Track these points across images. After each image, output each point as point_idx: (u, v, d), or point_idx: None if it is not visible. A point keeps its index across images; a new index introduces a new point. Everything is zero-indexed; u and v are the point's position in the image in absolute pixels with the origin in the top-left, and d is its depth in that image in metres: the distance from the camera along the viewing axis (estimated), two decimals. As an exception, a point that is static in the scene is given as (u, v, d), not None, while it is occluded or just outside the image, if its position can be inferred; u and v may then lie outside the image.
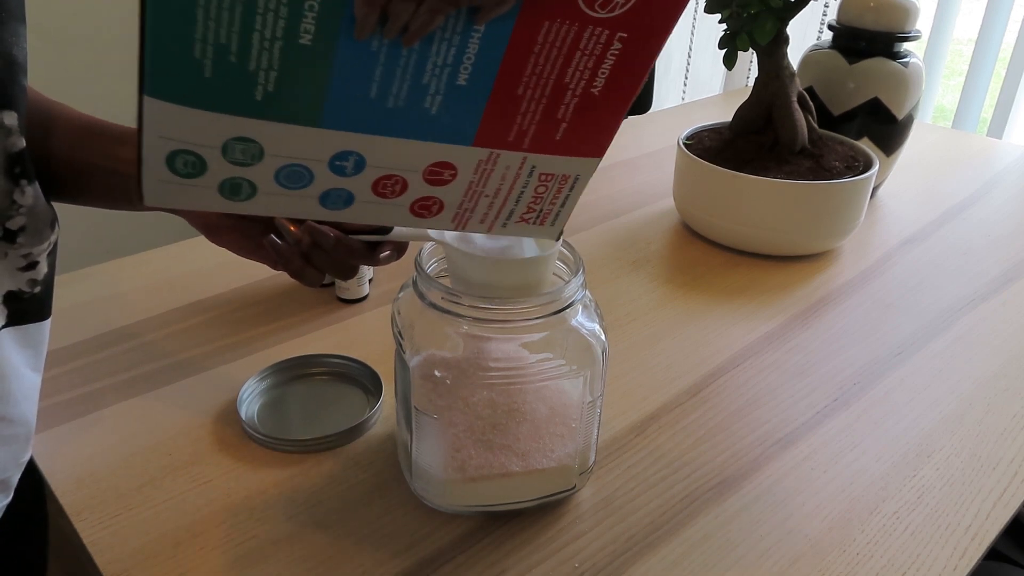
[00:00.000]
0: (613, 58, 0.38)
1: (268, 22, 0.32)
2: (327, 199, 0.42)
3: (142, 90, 0.33)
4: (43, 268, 0.47)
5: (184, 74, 0.33)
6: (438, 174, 0.42)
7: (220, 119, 0.35)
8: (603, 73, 0.38)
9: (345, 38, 0.34)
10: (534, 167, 0.43)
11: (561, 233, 0.49)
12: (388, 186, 0.42)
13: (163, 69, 0.33)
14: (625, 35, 0.36)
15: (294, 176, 0.40)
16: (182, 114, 0.34)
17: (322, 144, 0.38)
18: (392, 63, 0.35)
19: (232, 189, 0.39)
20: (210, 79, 0.33)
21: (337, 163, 0.39)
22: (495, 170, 0.42)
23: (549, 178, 0.44)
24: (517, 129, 0.40)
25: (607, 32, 0.36)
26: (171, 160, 0.37)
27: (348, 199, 0.42)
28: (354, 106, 0.37)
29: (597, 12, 0.35)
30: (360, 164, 0.40)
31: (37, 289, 0.47)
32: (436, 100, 0.38)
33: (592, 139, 0.42)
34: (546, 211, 0.47)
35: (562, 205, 0.46)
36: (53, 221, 0.46)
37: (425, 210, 0.44)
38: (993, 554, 0.82)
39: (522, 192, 0.45)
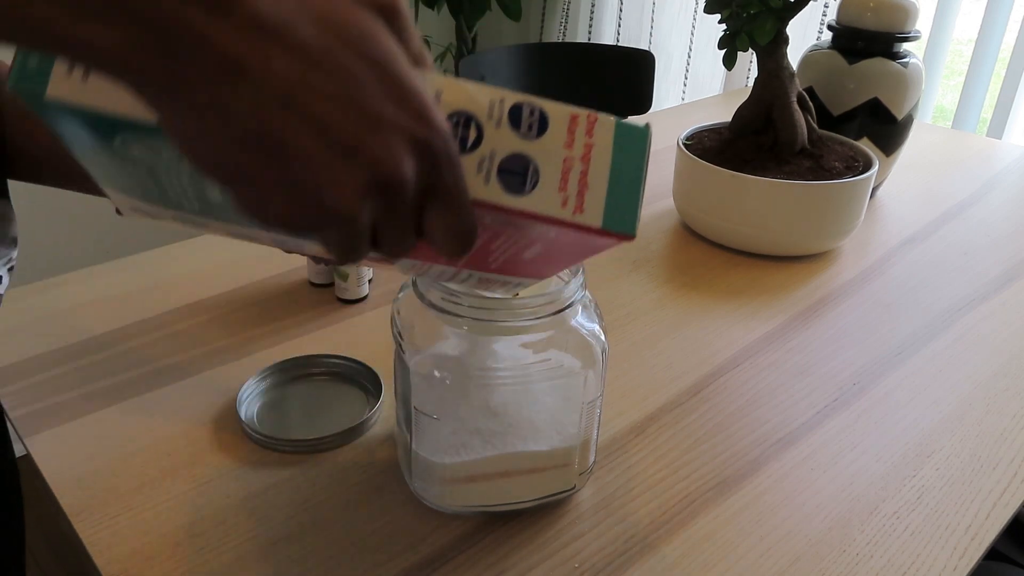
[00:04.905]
0: (537, 253, 0.37)
1: (175, 186, 0.33)
2: (277, 241, 0.43)
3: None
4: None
5: (119, 186, 0.35)
6: (378, 259, 0.42)
7: (160, 209, 0.37)
8: (530, 254, 0.38)
9: None
10: (471, 274, 0.42)
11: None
12: None
13: (99, 178, 0.35)
14: (545, 246, 0.36)
15: (245, 236, 0.41)
16: (127, 199, 0.37)
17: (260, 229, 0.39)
18: None
19: (191, 225, 0.42)
20: (142, 195, 0.35)
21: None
22: (432, 268, 0.42)
23: (491, 280, 0.44)
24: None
25: (525, 239, 0.35)
26: (135, 208, 0.39)
27: (301, 245, 0.43)
28: None
29: (509, 230, 0.34)
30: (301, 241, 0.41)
31: None
32: None
33: (530, 274, 0.42)
34: (495, 288, 0.46)
35: (513, 287, 0.46)
36: (14, 239, 0.47)
37: (377, 264, 0.45)
38: (993, 554, 0.82)
39: (466, 280, 0.45)
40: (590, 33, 2.46)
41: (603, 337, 0.51)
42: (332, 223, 0.26)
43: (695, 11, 2.20)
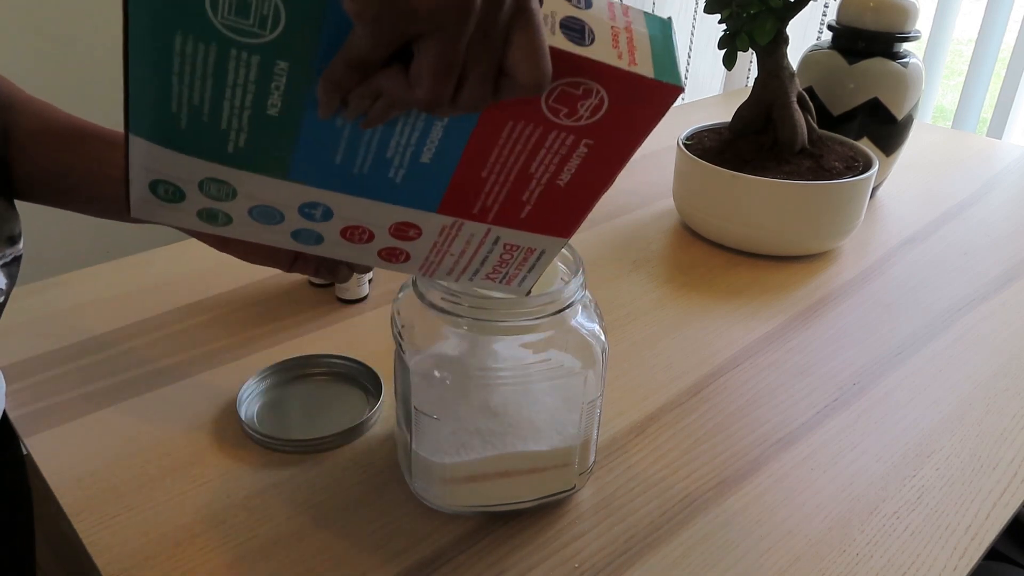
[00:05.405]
0: (580, 159, 0.39)
1: (237, 93, 0.34)
2: (299, 236, 0.43)
3: (126, 126, 0.35)
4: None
5: (162, 122, 0.35)
6: (403, 231, 0.43)
7: (195, 162, 0.37)
8: (569, 170, 0.39)
9: (310, 112, 0.35)
10: (499, 237, 0.44)
11: (530, 291, 0.50)
12: (355, 234, 0.43)
13: (143, 115, 0.35)
14: (591, 142, 0.38)
15: (266, 215, 0.41)
16: (162, 153, 0.36)
17: (290, 194, 0.39)
18: (356, 138, 0.36)
19: (209, 216, 0.41)
20: (185, 130, 0.35)
21: (306, 210, 0.41)
22: (459, 235, 0.43)
23: (514, 248, 0.45)
24: (481, 205, 0.41)
25: (572, 137, 0.37)
26: (153, 186, 0.39)
27: (318, 239, 0.43)
28: (320, 167, 0.38)
29: (561, 120, 0.36)
30: (328, 214, 0.41)
31: None
32: (400, 172, 0.39)
33: (558, 223, 0.43)
34: (512, 274, 0.47)
35: (529, 270, 0.47)
36: (12, 237, 0.47)
37: (392, 257, 0.45)
38: (993, 554, 0.82)
39: (487, 256, 0.45)
40: (590, 33, 2.45)
41: (603, 337, 0.51)
42: (445, 14, 0.29)
43: (695, 11, 2.20)
